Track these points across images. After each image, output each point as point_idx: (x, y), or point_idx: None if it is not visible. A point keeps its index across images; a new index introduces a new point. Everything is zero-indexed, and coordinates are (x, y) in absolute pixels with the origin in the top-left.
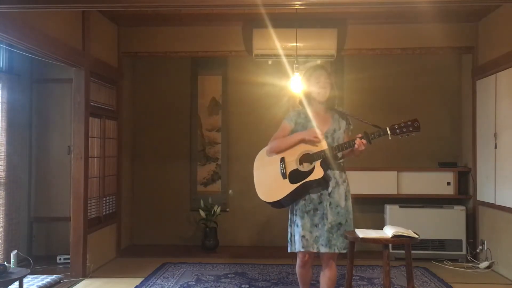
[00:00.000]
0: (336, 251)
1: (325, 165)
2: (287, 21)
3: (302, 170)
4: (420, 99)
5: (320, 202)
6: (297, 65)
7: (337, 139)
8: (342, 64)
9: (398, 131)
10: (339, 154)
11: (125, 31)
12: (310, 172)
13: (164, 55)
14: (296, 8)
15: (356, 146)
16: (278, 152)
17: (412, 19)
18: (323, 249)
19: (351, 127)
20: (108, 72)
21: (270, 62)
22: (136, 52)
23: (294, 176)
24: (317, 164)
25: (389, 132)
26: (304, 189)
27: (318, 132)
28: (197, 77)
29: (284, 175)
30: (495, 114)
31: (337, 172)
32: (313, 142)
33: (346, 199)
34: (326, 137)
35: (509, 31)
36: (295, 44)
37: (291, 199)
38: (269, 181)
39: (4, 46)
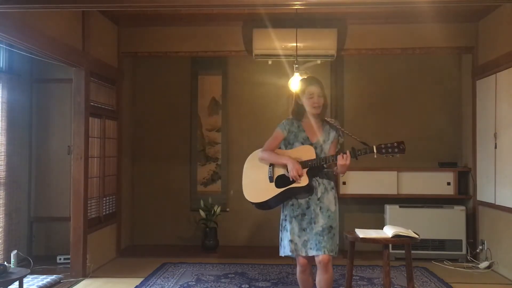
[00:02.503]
0: (326, 253)
1: (311, 174)
2: (287, 21)
3: (288, 176)
4: (420, 99)
5: (308, 207)
6: (297, 65)
7: (325, 150)
8: (342, 64)
9: (383, 150)
10: (325, 165)
11: (125, 31)
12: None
13: (164, 55)
14: (296, 8)
15: (338, 158)
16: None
17: (412, 19)
18: (311, 252)
19: (342, 140)
20: (108, 72)
21: (270, 62)
22: (136, 52)
23: (280, 181)
24: (303, 172)
25: (375, 150)
26: (288, 194)
27: (300, 170)
28: (197, 77)
29: (271, 179)
30: (495, 114)
31: (325, 180)
32: (292, 176)
33: (335, 204)
34: (315, 148)
35: (509, 31)
36: (295, 44)
37: (274, 202)
38: (256, 182)
39: (4, 46)
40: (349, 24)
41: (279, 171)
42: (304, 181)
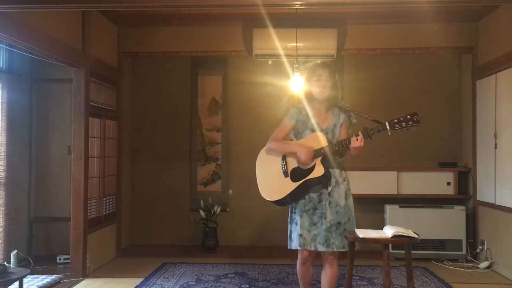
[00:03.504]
0: (335, 249)
1: (326, 162)
2: (287, 21)
3: (303, 168)
4: (420, 99)
5: (320, 201)
6: (297, 65)
7: (336, 135)
8: (342, 64)
9: (397, 126)
10: (339, 151)
11: (125, 31)
12: (311, 169)
13: (164, 55)
14: (296, 8)
15: (351, 141)
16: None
17: (412, 19)
18: (320, 248)
19: (354, 121)
20: (108, 72)
21: (270, 62)
22: (136, 52)
23: (296, 174)
24: (317, 161)
25: (388, 127)
26: (305, 187)
27: (310, 153)
28: (197, 77)
29: (285, 174)
30: (495, 114)
31: (337, 171)
32: (302, 163)
33: (346, 198)
34: (326, 133)
35: (509, 31)
36: (295, 44)
37: (293, 197)
38: (271, 179)
39: (4, 46)
40: (349, 24)
41: (292, 164)
42: (319, 171)
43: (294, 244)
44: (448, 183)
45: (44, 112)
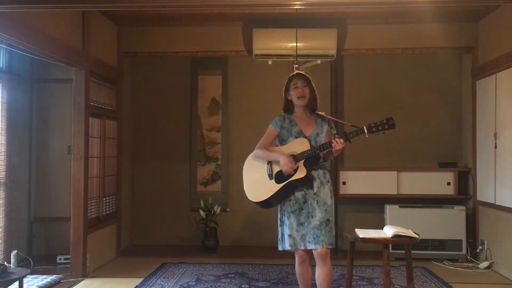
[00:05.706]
0: (324, 246)
1: (308, 165)
2: (287, 21)
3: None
4: (420, 99)
5: (305, 202)
6: (297, 65)
7: (319, 143)
8: (342, 64)
9: (374, 129)
10: (321, 154)
11: (125, 31)
12: (294, 172)
13: (164, 55)
14: (296, 8)
15: (333, 145)
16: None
17: (412, 19)
18: (310, 246)
19: (334, 131)
20: (108, 72)
21: (270, 62)
22: (136, 52)
23: (280, 177)
24: (300, 164)
25: (366, 130)
26: (289, 188)
27: (292, 163)
28: (197, 77)
29: (270, 176)
30: (495, 114)
31: (321, 172)
32: (286, 171)
33: (331, 197)
34: (309, 140)
35: (509, 31)
36: (295, 44)
37: (277, 198)
38: (257, 182)
39: (4, 46)
40: (349, 24)
41: (277, 167)
42: (302, 173)
43: (286, 245)
44: (448, 183)
45: (44, 112)
